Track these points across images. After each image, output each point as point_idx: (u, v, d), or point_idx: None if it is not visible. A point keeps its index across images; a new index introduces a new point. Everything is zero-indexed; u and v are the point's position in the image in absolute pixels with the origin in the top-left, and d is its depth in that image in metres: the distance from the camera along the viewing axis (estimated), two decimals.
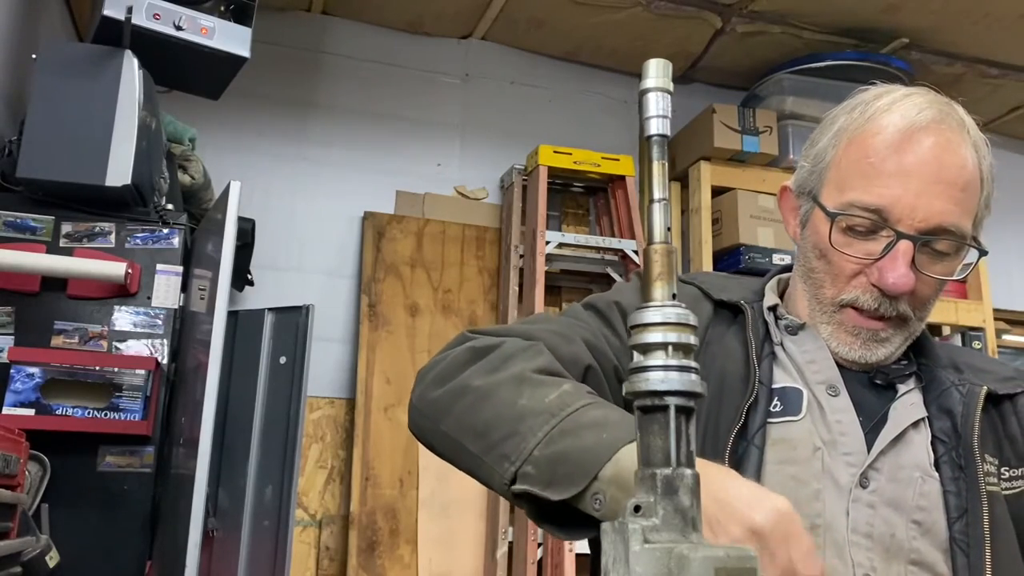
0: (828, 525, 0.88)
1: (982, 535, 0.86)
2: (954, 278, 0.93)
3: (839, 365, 0.96)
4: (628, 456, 0.67)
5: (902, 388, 0.96)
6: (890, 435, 0.91)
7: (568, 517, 0.70)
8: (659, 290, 0.65)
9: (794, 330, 0.98)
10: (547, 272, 3.16)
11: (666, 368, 0.62)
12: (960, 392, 0.94)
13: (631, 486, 0.64)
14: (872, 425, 0.92)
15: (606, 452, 0.68)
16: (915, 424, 0.93)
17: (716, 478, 0.66)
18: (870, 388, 0.96)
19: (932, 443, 0.92)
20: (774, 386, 0.95)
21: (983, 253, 0.93)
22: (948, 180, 0.89)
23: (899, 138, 0.90)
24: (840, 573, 0.86)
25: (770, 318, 1.01)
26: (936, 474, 0.90)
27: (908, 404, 0.94)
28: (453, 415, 0.81)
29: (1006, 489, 0.90)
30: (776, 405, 0.93)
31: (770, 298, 1.03)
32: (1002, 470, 0.91)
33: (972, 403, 0.92)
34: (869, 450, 0.91)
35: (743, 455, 0.90)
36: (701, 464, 0.69)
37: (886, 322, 0.93)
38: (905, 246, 0.89)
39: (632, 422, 0.72)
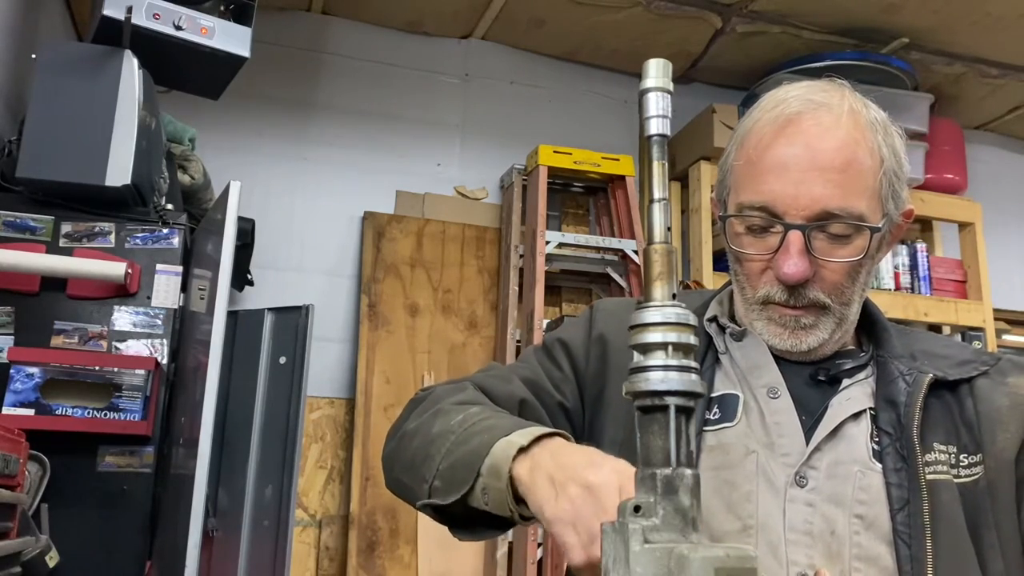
0: (762, 525, 0.88)
1: (922, 526, 0.85)
2: (857, 258, 0.92)
3: (784, 365, 0.97)
4: (501, 448, 0.76)
5: (846, 382, 0.96)
6: (824, 431, 0.91)
7: (475, 519, 0.81)
8: (659, 290, 0.65)
9: (739, 336, 1.00)
10: (547, 272, 3.16)
11: (666, 368, 0.62)
12: (906, 382, 0.93)
13: (502, 473, 0.74)
14: (812, 423, 0.93)
15: (485, 449, 0.78)
16: (855, 417, 0.93)
17: (564, 447, 0.76)
18: (814, 386, 0.96)
19: (878, 435, 0.91)
20: (714, 394, 0.97)
21: (874, 230, 0.92)
22: (824, 165, 0.90)
23: (772, 133, 0.94)
24: (775, 573, 0.86)
25: (712, 329, 1.02)
26: (878, 466, 0.90)
27: (846, 399, 0.94)
28: (397, 459, 0.95)
29: (964, 476, 0.89)
30: (715, 413, 0.95)
31: (712, 309, 1.04)
32: (960, 457, 0.90)
33: (916, 392, 0.92)
34: None
35: None
36: (565, 443, 0.77)
37: (803, 310, 0.94)
38: (794, 236, 0.90)
39: (520, 423, 0.81)
